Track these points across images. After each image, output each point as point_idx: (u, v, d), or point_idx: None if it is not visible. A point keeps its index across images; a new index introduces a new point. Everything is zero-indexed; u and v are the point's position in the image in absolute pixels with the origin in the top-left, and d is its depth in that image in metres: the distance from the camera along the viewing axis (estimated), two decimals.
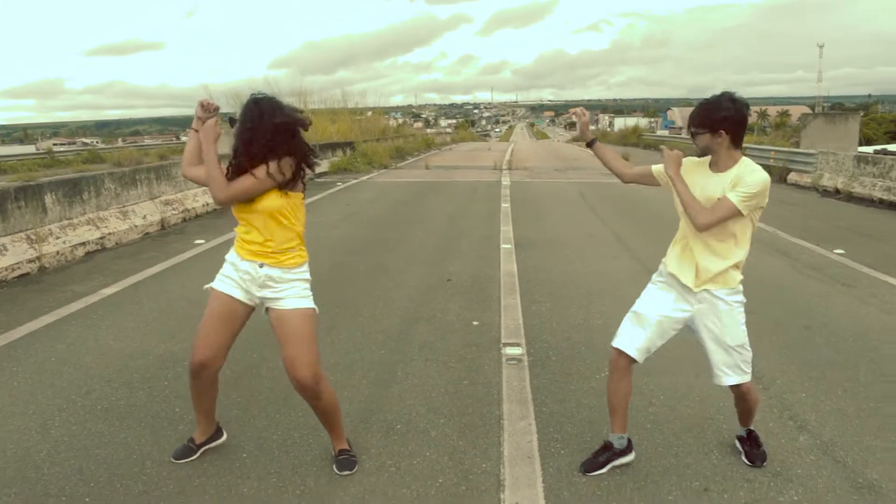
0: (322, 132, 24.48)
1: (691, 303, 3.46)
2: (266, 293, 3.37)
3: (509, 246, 9.60)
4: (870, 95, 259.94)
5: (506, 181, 19.53)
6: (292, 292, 3.37)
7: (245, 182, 3.23)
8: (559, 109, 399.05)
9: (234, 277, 3.41)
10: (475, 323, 6.06)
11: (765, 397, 4.49)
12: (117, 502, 3.28)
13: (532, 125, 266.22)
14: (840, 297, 6.92)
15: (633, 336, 3.51)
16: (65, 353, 5.24)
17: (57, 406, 4.33)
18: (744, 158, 3.33)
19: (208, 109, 3.44)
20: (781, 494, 3.36)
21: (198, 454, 3.68)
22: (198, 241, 9.82)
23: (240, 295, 3.40)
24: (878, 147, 32.67)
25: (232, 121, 3.32)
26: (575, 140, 64.50)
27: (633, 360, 3.53)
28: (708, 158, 3.40)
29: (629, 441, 3.66)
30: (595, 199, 15.48)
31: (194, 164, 3.48)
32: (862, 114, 33.44)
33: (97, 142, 78.93)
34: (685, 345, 3.88)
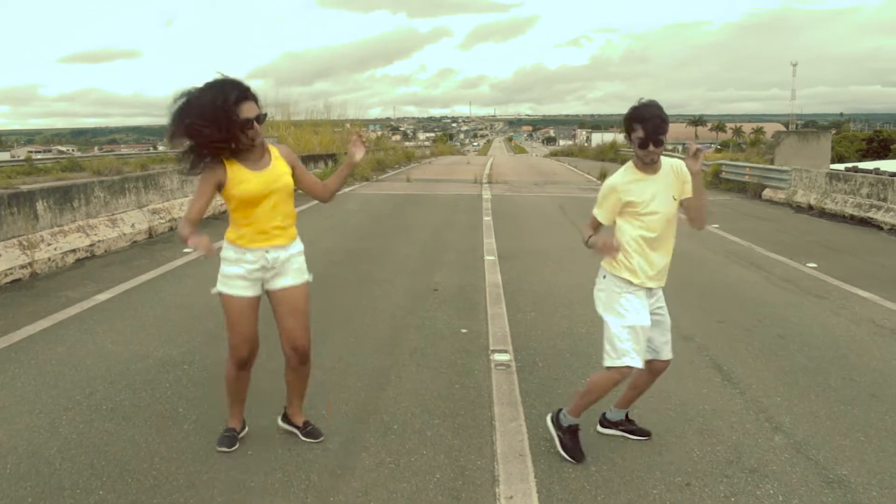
0: (305, 144, 24.65)
1: (650, 299, 3.78)
2: (271, 275, 3.65)
3: (493, 258, 9.82)
4: (842, 114, 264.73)
5: (486, 195, 19.80)
6: (294, 267, 3.72)
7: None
8: (537, 124, 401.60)
9: (241, 273, 3.61)
10: (464, 331, 6.26)
11: (741, 401, 4.74)
12: (130, 495, 3.44)
13: (510, 139, 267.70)
14: (812, 308, 7.21)
15: (639, 350, 3.70)
16: (65, 356, 5.38)
17: (62, 406, 4.47)
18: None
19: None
20: (758, 489, 3.59)
21: (237, 445, 3.94)
22: (187, 250, 9.94)
23: (252, 293, 3.66)
24: (850, 165, 33.40)
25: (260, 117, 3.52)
26: (553, 154, 64.90)
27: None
28: (632, 169, 3.67)
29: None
30: (574, 213, 15.75)
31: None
32: (834, 132, 34.19)
33: (73, 150, 78.32)
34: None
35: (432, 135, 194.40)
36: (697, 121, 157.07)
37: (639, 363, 3.68)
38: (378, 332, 6.19)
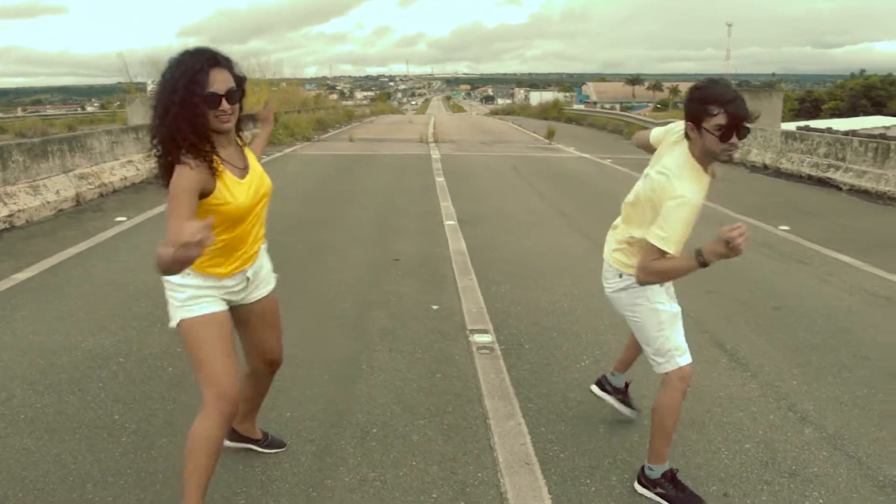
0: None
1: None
2: (247, 291, 2.84)
3: (453, 222, 9.20)
4: (774, 74, 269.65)
5: (435, 154, 19.08)
6: (266, 269, 2.99)
7: None
8: (475, 83, 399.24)
9: (212, 294, 2.65)
10: (434, 307, 5.65)
11: (757, 386, 4.27)
12: None
13: (448, 98, 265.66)
14: (800, 277, 6.81)
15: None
16: None
17: None
18: None
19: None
20: (805, 497, 3.10)
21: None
22: (119, 219, 9.04)
23: (221, 307, 2.69)
24: (801, 123, 33.57)
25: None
26: (494, 113, 64.43)
27: None
28: (696, 169, 2.80)
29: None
30: (528, 172, 15.20)
31: None
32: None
33: None
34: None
35: (370, 94, 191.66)
36: (635, 80, 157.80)
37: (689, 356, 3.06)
38: (340, 310, 5.53)
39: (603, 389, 3.75)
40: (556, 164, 17.34)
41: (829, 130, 16.10)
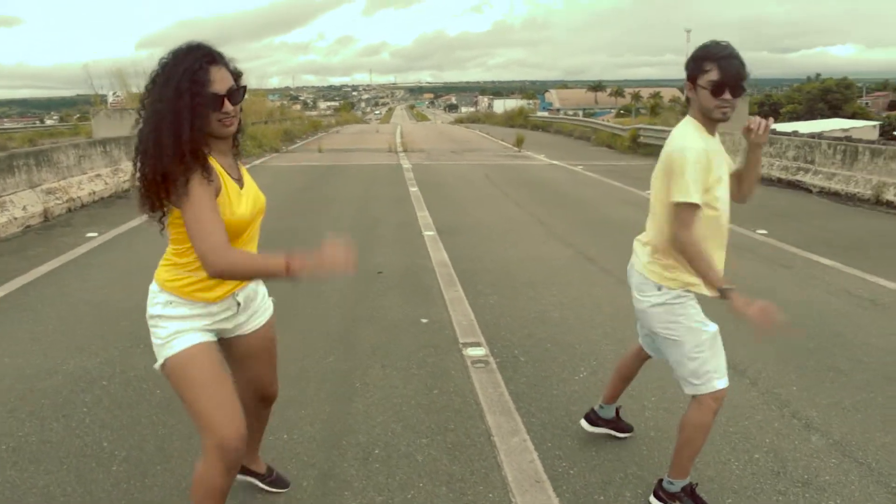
0: None
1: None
2: (240, 319, 2.56)
3: (432, 233, 9.11)
4: None
5: (406, 164, 18.98)
6: (262, 293, 2.71)
7: None
8: (438, 91, 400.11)
9: (199, 324, 2.39)
10: (424, 320, 5.55)
11: (756, 392, 4.24)
12: None
13: (412, 107, 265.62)
14: (784, 281, 6.83)
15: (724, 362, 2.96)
16: None
17: None
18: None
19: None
20: None
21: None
22: (90, 234, 8.80)
23: (209, 338, 2.43)
24: (778, 127, 33.86)
25: None
26: (459, 121, 64.58)
27: None
28: (697, 127, 2.80)
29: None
30: (502, 181, 15.18)
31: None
32: None
33: None
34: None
35: (333, 104, 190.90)
36: (597, 86, 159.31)
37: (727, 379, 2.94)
38: (328, 326, 5.40)
39: (594, 424, 3.64)
40: (527, 172, 17.35)
41: (795, 134, 16.24)
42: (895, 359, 4.79)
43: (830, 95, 71.51)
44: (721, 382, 2.88)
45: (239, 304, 2.48)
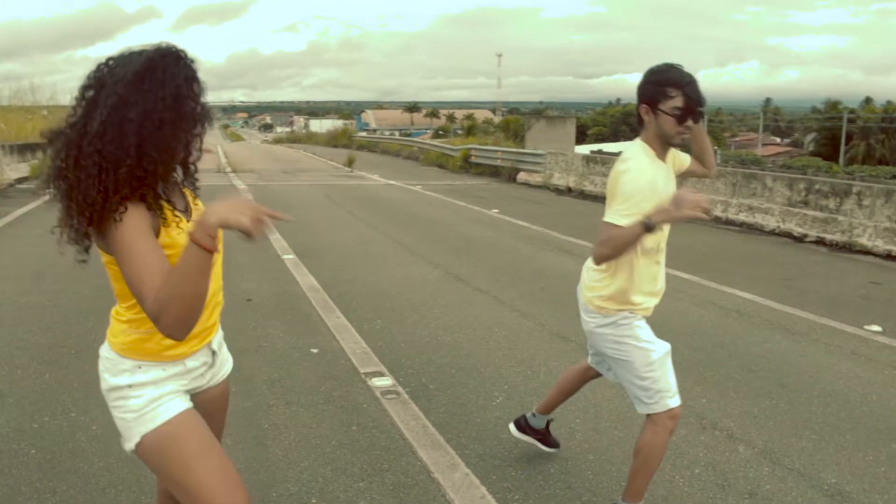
0: (18, 130, 20.92)
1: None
2: (212, 372, 2.09)
3: (292, 256, 8.71)
4: (541, 102, 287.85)
5: (240, 185, 18.19)
6: (225, 350, 2.25)
7: None
8: (252, 111, 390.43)
9: (176, 388, 1.94)
10: (314, 350, 5.23)
11: None
12: None
13: (226, 127, 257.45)
14: None
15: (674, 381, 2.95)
16: None
17: None
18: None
19: None
20: None
21: None
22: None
23: (189, 402, 1.97)
24: (595, 147, 35.75)
25: None
26: (279, 141, 63.27)
27: None
28: (648, 152, 2.76)
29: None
30: (344, 201, 14.92)
31: None
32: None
33: None
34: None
35: None
36: (413, 107, 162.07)
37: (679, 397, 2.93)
38: None
39: (522, 432, 3.59)
40: (367, 192, 17.19)
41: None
42: (779, 365, 5.07)
43: (631, 119, 76.87)
44: (673, 401, 2.89)
45: (214, 352, 2.06)
